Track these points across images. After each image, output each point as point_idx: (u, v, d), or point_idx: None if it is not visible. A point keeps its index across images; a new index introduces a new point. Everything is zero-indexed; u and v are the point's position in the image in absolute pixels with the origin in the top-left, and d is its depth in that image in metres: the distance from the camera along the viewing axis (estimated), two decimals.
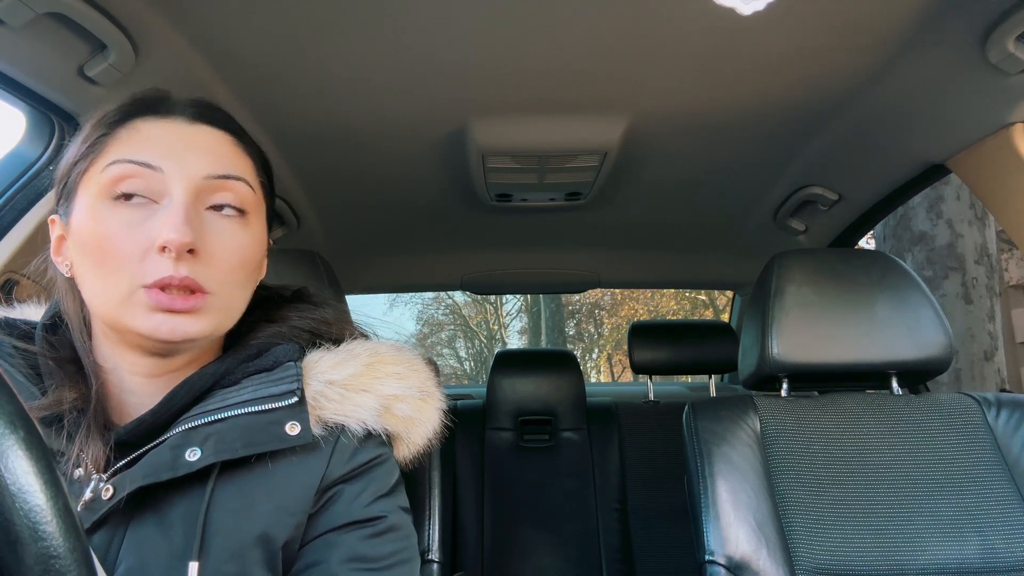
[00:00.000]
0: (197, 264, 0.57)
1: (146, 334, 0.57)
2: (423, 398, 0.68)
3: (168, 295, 0.56)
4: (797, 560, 1.00)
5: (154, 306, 0.56)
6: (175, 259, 0.56)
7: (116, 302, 0.57)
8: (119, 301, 0.57)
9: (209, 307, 0.59)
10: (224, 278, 0.60)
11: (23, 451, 0.34)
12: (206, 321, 0.59)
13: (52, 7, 0.81)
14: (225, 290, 0.60)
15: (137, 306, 0.56)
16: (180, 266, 0.56)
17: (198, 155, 0.60)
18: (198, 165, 0.60)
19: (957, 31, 0.97)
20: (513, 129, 1.27)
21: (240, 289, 0.63)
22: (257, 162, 0.67)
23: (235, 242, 0.61)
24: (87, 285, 0.59)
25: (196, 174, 0.59)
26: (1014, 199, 1.14)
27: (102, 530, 0.55)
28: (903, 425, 1.11)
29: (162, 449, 0.56)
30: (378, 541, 0.61)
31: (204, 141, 0.62)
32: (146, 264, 0.56)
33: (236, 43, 1.01)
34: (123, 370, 0.61)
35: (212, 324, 0.60)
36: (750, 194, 1.66)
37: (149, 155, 0.58)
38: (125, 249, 0.56)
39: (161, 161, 0.58)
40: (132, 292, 0.56)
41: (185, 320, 0.57)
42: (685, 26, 0.97)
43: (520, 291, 4.76)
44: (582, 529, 1.88)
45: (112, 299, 0.57)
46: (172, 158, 0.59)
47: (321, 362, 0.65)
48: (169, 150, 0.59)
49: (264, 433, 0.58)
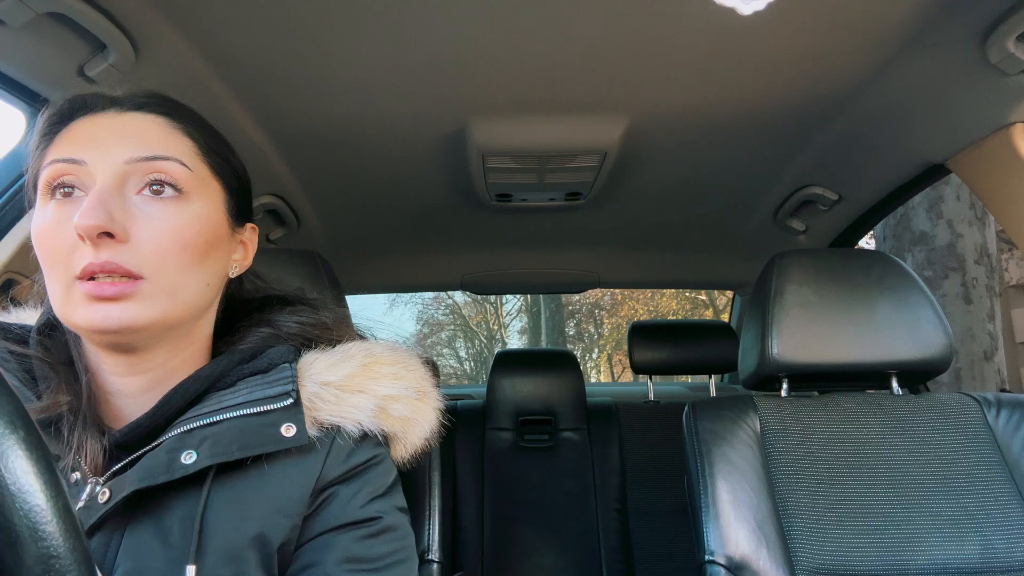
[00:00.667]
0: (122, 249, 0.56)
1: (85, 327, 0.56)
2: (419, 398, 0.67)
3: (96, 283, 0.55)
4: (797, 560, 1.00)
5: (86, 296, 0.55)
6: (93, 246, 0.55)
7: (60, 299, 0.57)
8: (62, 297, 0.57)
9: (144, 292, 0.57)
10: (158, 261, 0.57)
11: (23, 451, 0.34)
12: (143, 307, 0.56)
13: (52, 7, 0.81)
14: (162, 274, 0.58)
15: (76, 300, 0.56)
16: (100, 252, 0.55)
17: (121, 141, 0.59)
18: (119, 151, 0.59)
19: (957, 31, 0.97)
20: (513, 129, 1.27)
21: (185, 272, 0.59)
22: (200, 143, 0.64)
23: (168, 223, 0.58)
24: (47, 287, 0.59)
25: (117, 160, 0.58)
26: (1014, 199, 1.14)
27: (99, 534, 0.55)
28: (903, 425, 1.11)
29: (158, 452, 0.56)
30: (374, 542, 0.61)
31: (130, 127, 0.61)
32: (74, 256, 0.56)
33: (236, 43, 1.01)
34: (103, 370, 0.61)
35: (154, 310, 0.57)
36: (750, 194, 1.66)
37: (75, 151, 0.58)
38: (57, 244, 0.56)
39: (84, 154, 0.58)
40: (69, 286, 0.56)
41: (118, 307, 0.55)
42: (685, 26, 0.97)
43: (520, 291, 4.76)
44: (582, 529, 1.88)
45: (57, 296, 0.57)
46: (95, 149, 0.58)
47: (316, 363, 0.65)
48: (93, 142, 0.59)
49: (260, 435, 0.58)
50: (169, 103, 0.64)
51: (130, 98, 0.63)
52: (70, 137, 0.60)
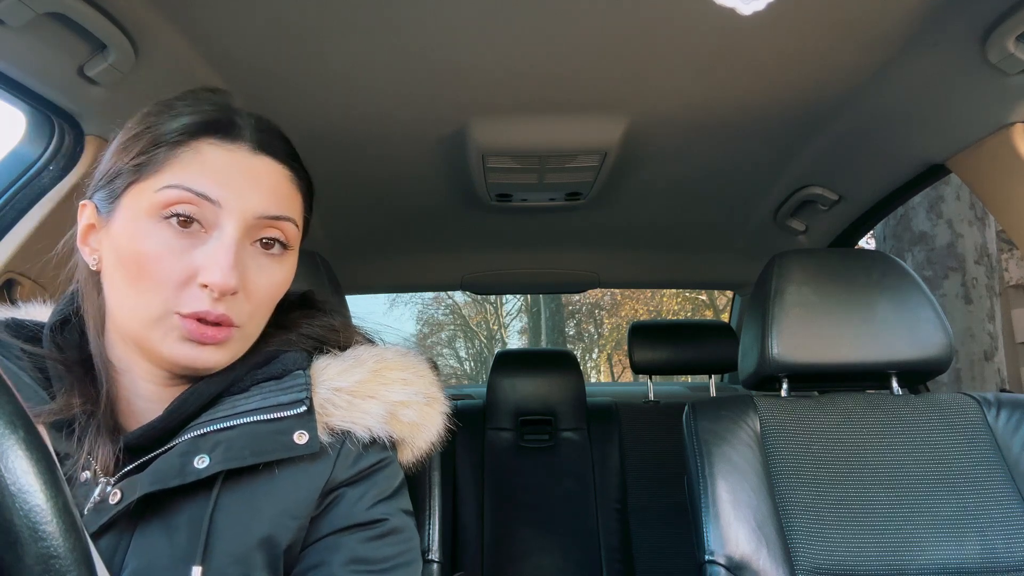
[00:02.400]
0: (235, 302, 0.58)
1: (171, 360, 0.58)
2: (428, 403, 0.68)
3: (200, 326, 0.57)
4: (797, 560, 1.00)
5: (186, 335, 0.57)
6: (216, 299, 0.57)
7: (146, 322, 0.57)
8: (150, 322, 0.57)
9: (236, 338, 0.60)
10: (255, 312, 0.61)
11: (23, 451, 0.34)
12: (229, 352, 0.60)
13: (52, 7, 0.81)
14: (252, 322, 0.62)
15: (168, 331, 0.57)
16: (218, 304, 0.57)
17: (257, 192, 0.60)
18: (254, 203, 0.59)
19: (957, 31, 0.97)
20: (513, 129, 1.27)
21: (264, 318, 0.64)
22: (306, 196, 0.67)
23: (273, 279, 0.62)
24: (116, 294, 0.59)
25: (251, 213, 0.59)
26: (1014, 199, 1.14)
27: (108, 534, 0.55)
28: (903, 425, 1.11)
29: (171, 455, 0.56)
30: (379, 544, 0.61)
31: (264, 176, 0.61)
32: (184, 294, 0.57)
33: (236, 43, 1.01)
34: (136, 375, 0.61)
35: (233, 354, 0.61)
36: (750, 194, 1.66)
37: (208, 186, 0.57)
38: (165, 273, 0.56)
39: (219, 194, 0.58)
40: (165, 316, 0.57)
41: (209, 352, 0.58)
42: (685, 26, 0.97)
43: (520, 291, 4.76)
44: (582, 529, 1.88)
45: (142, 317, 0.57)
46: (230, 191, 0.58)
47: (328, 369, 0.65)
48: (228, 182, 0.58)
49: (272, 442, 0.58)
50: (289, 147, 0.66)
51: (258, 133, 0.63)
52: (200, 165, 0.58)
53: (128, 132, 0.61)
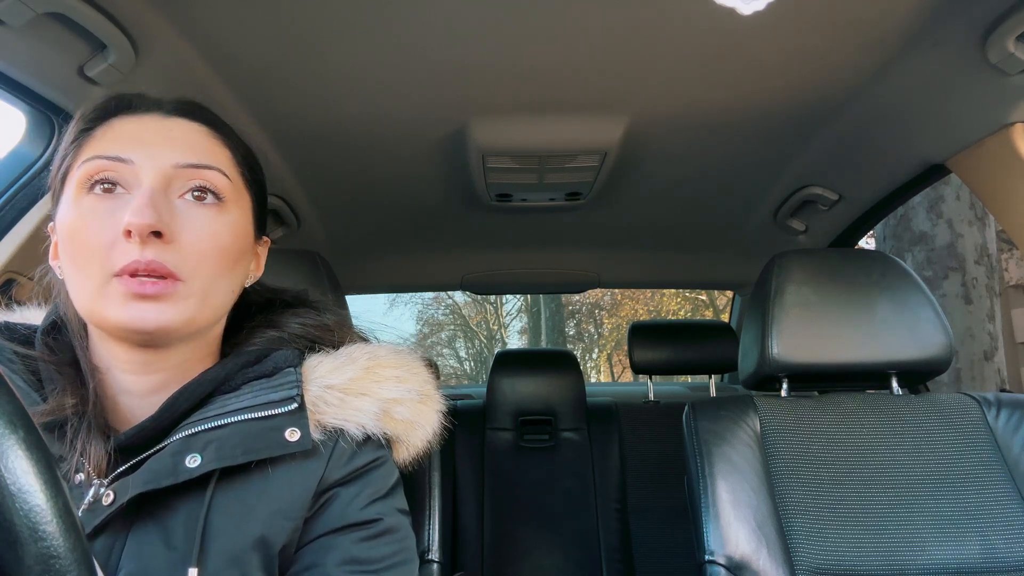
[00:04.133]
0: (166, 249, 0.57)
1: (120, 324, 0.57)
2: (422, 401, 0.67)
3: (137, 280, 0.56)
4: (797, 560, 1.00)
5: (125, 293, 0.56)
6: (140, 244, 0.56)
7: (91, 294, 0.57)
8: (94, 293, 0.57)
9: (180, 294, 0.58)
10: (196, 264, 0.59)
11: (23, 451, 0.34)
12: (178, 309, 0.58)
13: (52, 7, 0.81)
14: (199, 278, 0.59)
15: (111, 296, 0.56)
16: (146, 250, 0.56)
17: (169, 145, 0.61)
18: (168, 155, 0.60)
19: (957, 31, 0.97)
20: (513, 129, 1.27)
21: (217, 278, 0.61)
22: (237, 155, 0.66)
23: (208, 228, 0.60)
24: (69, 282, 0.60)
25: (165, 163, 0.59)
26: (1014, 199, 1.14)
27: (103, 536, 0.55)
28: (903, 425, 1.11)
29: (163, 455, 0.56)
30: (374, 543, 0.61)
31: (177, 133, 0.62)
32: (114, 252, 0.56)
33: (236, 43, 1.01)
34: (116, 369, 0.61)
35: (186, 312, 0.58)
36: (750, 194, 1.66)
37: (119, 148, 0.59)
38: (95, 239, 0.57)
39: (131, 153, 0.59)
40: (105, 282, 0.56)
41: (157, 307, 0.57)
42: (685, 26, 0.97)
43: (520, 291, 4.76)
44: (582, 529, 1.88)
45: (87, 291, 0.57)
46: (142, 149, 0.59)
47: (320, 366, 0.65)
48: (140, 142, 0.60)
49: (264, 440, 0.58)
50: (209, 113, 0.66)
51: (172, 103, 0.64)
52: (113, 134, 0.61)
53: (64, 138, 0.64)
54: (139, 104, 0.63)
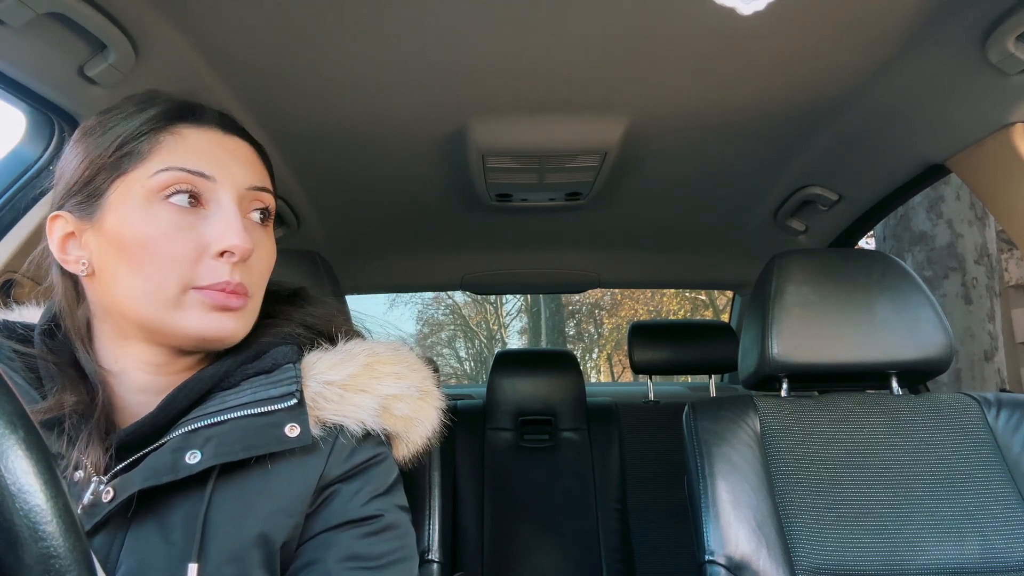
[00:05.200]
0: (245, 270, 0.61)
1: (199, 334, 0.59)
2: (421, 397, 0.68)
3: (224, 293, 0.59)
4: (797, 560, 1.00)
5: (211, 304, 0.59)
6: (233, 265, 0.59)
7: (163, 303, 0.58)
8: (167, 302, 0.58)
9: (249, 308, 0.63)
10: (259, 283, 0.64)
11: (23, 451, 0.34)
12: (246, 322, 0.63)
13: (52, 7, 0.81)
14: (258, 294, 0.64)
15: (190, 306, 0.59)
16: (235, 272, 0.59)
17: (239, 165, 0.63)
18: (241, 176, 0.63)
19: (957, 31, 0.97)
20: (513, 129, 1.27)
21: (263, 293, 0.66)
22: (271, 174, 0.70)
23: (267, 248, 0.65)
24: (122, 284, 0.59)
25: (241, 184, 0.63)
26: (1014, 199, 1.14)
27: (102, 533, 0.55)
28: (903, 425, 1.11)
29: (162, 452, 0.56)
30: (375, 540, 0.61)
31: (240, 152, 0.65)
32: (200, 267, 0.59)
33: (236, 43, 1.01)
34: (132, 368, 0.62)
35: (246, 325, 0.63)
36: (750, 194, 1.66)
37: (200, 163, 0.61)
38: (175, 251, 0.58)
39: (212, 170, 0.61)
40: (182, 293, 0.58)
41: (232, 320, 0.60)
42: (685, 26, 0.97)
43: (520, 291, 4.77)
44: (582, 529, 1.88)
45: (158, 300, 0.58)
46: (221, 168, 0.62)
47: (319, 363, 0.65)
48: (214, 159, 0.62)
49: (263, 435, 0.58)
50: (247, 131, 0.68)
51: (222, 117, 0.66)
52: (188, 147, 0.61)
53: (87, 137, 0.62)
54: (201, 115, 0.64)
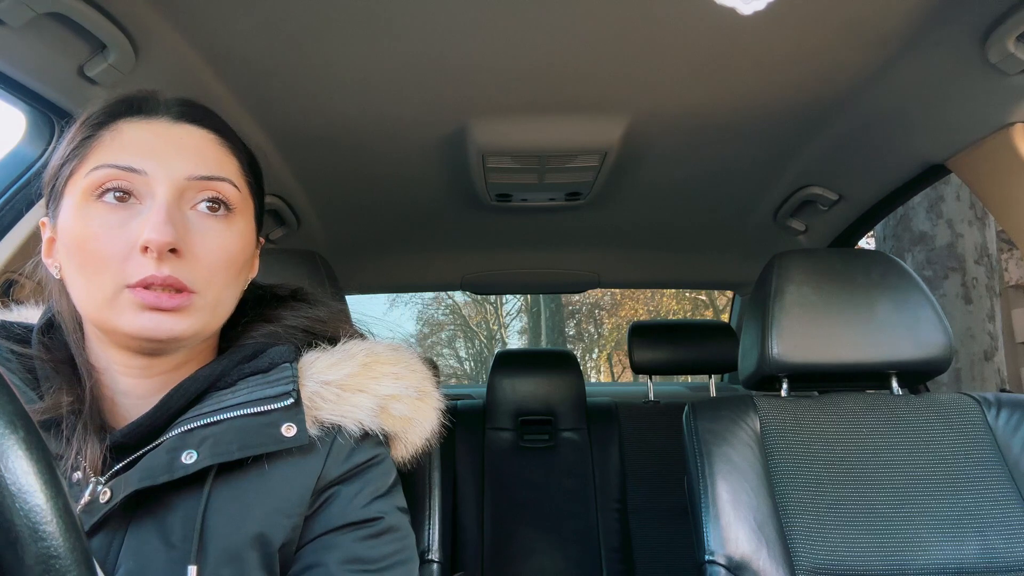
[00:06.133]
0: (180, 264, 0.57)
1: (132, 334, 0.57)
2: (420, 398, 0.67)
3: (153, 293, 0.56)
4: (797, 560, 1.00)
5: (140, 304, 0.56)
6: (157, 259, 0.56)
7: (101, 303, 0.57)
8: (104, 302, 0.57)
9: (195, 306, 0.58)
10: (209, 277, 0.60)
11: (23, 451, 0.34)
12: (192, 320, 0.59)
13: (52, 7, 0.81)
14: (211, 289, 0.60)
15: (124, 306, 0.57)
16: (163, 266, 0.56)
17: (181, 156, 0.60)
18: (181, 166, 0.59)
19: (957, 31, 0.97)
20: (513, 129, 1.27)
21: (227, 288, 0.62)
22: (243, 162, 0.66)
23: (219, 241, 0.61)
24: (74, 287, 0.59)
25: (179, 175, 0.59)
26: (1014, 199, 1.14)
27: (101, 533, 0.55)
28: (903, 425, 1.11)
29: (158, 452, 0.56)
30: (376, 542, 0.61)
31: (188, 141, 0.62)
32: (129, 264, 0.56)
33: (236, 43, 1.01)
34: (115, 371, 0.61)
35: (198, 323, 0.59)
36: (750, 194, 1.66)
37: (131, 158, 0.58)
38: (107, 250, 0.57)
39: (144, 163, 0.58)
40: (117, 292, 0.57)
41: (171, 319, 0.57)
42: (685, 26, 0.97)
43: (520, 291, 4.76)
44: (582, 529, 1.88)
45: (97, 300, 0.57)
46: (154, 159, 0.59)
47: (317, 362, 0.65)
48: (151, 151, 0.59)
49: (260, 435, 0.58)
50: (216, 118, 0.66)
51: (179, 106, 0.63)
52: (123, 142, 0.60)
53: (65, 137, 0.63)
54: (146, 107, 0.62)
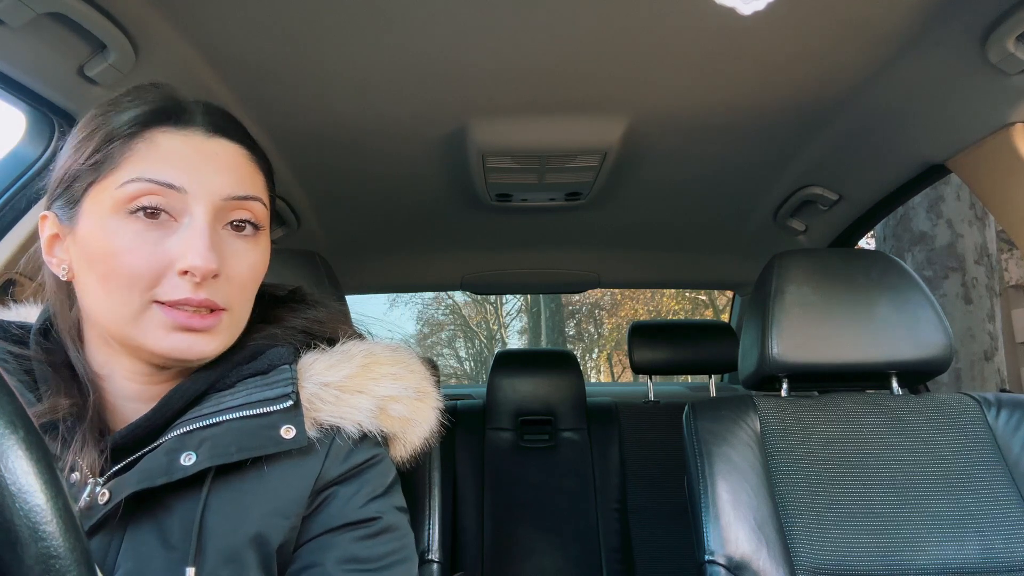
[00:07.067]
0: (216, 286, 0.58)
1: (162, 353, 0.57)
2: (419, 398, 0.67)
3: (186, 313, 0.56)
4: (797, 560, 1.00)
5: (171, 324, 0.56)
6: (197, 284, 0.56)
7: (127, 318, 0.56)
8: (130, 317, 0.56)
9: (223, 325, 0.59)
10: (239, 295, 0.60)
11: (23, 451, 0.34)
12: (221, 339, 0.60)
13: (52, 7, 0.81)
14: (238, 306, 0.61)
15: (151, 323, 0.56)
16: (199, 290, 0.56)
17: (219, 174, 0.59)
18: (219, 185, 0.59)
19: (957, 31, 0.97)
20: (513, 129, 1.27)
21: (249, 303, 0.63)
22: (267, 175, 0.67)
23: (249, 260, 0.61)
24: (91, 295, 0.58)
25: (217, 195, 0.58)
26: (1014, 199, 1.14)
27: (99, 535, 0.55)
28: (903, 425, 1.11)
29: (157, 454, 0.56)
30: (373, 542, 0.61)
31: (223, 157, 0.61)
32: (164, 283, 0.56)
33: (236, 43, 1.01)
34: (120, 376, 0.61)
35: (227, 340, 0.61)
36: (750, 194, 1.66)
37: (170, 174, 0.57)
38: (140, 266, 0.56)
39: (183, 181, 0.57)
40: (144, 308, 0.56)
41: (203, 339, 0.58)
42: (685, 26, 0.97)
43: (520, 291, 4.77)
44: (582, 529, 1.88)
45: (122, 314, 0.56)
46: (193, 177, 0.58)
47: (316, 364, 0.65)
48: (189, 168, 0.58)
49: (259, 437, 0.58)
50: (243, 130, 0.65)
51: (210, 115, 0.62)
52: (158, 155, 0.58)
53: (79, 135, 0.60)
54: (181, 116, 0.60)
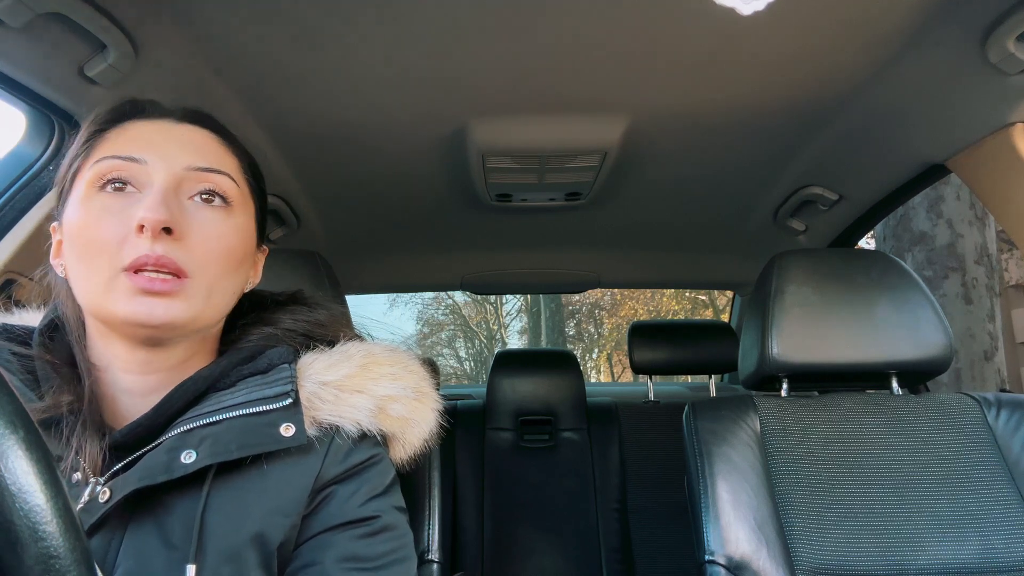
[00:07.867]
0: (175, 245, 0.58)
1: (126, 318, 0.57)
2: (418, 398, 0.68)
3: (146, 276, 0.57)
4: (797, 560, 1.00)
5: (133, 288, 0.57)
6: (152, 238, 0.57)
7: (99, 289, 0.58)
8: (102, 288, 0.58)
9: (187, 291, 0.59)
10: (203, 262, 0.60)
11: (23, 451, 0.34)
12: (185, 305, 0.59)
13: (52, 7, 0.81)
14: (205, 275, 0.60)
15: (119, 291, 0.57)
16: (156, 245, 0.57)
17: (181, 149, 0.63)
18: (180, 157, 0.62)
19: (957, 31, 0.97)
20: (513, 129, 1.27)
21: (222, 278, 0.62)
22: (243, 163, 0.68)
23: (215, 229, 0.62)
24: (75, 279, 0.60)
25: (177, 165, 0.61)
26: (1014, 199, 1.14)
27: (100, 533, 0.55)
28: (903, 425, 1.11)
29: (158, 452, 0.56)
30: (372, 541, 0.61)
31: (188, 137, 0.64)
32: (125, 247, 0.57)
33: (236, 43, 1.01)
34: (116, 368, 0.62)
35: (192, 309, 0.60)
36: (750, 194, 1.66)
37: (133, 149, 0.61)
38: (106, 234, 0.58)
39: (144, 154, 0.61)
40: (113, 277, 0.57)
41: (164, 303, 0.58)
42: (685, 26, 0.97)
43: (520, 291, 4.77)
44: (582, 529, 1.88)
45: (95, 286, 0.58)
46: (155, 151, 0.61)
47: (315, 364, 0.66)
48: (152, 144, 0.62)
49: (259, 435, 0.58)
50: (217, 122, 0.69)
51: (182, 110, 0.67)
52: (127, 137, 0.63)
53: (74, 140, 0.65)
54: (152, 110, 0.66)
